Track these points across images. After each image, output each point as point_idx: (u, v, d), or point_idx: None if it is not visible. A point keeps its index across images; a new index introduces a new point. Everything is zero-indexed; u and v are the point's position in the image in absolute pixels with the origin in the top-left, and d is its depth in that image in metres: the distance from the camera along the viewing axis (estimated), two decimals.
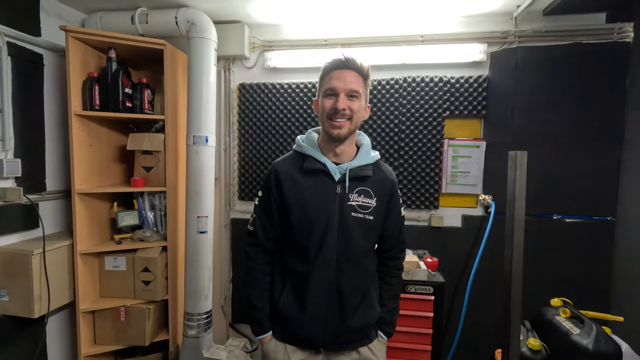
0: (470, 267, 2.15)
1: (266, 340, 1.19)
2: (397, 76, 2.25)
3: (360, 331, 1.17)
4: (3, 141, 1.72)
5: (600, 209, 2.11)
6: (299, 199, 1.11)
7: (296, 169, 1.14)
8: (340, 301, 1.12)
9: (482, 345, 2.15)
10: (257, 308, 1.18)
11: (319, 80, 1.15)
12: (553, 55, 2.10)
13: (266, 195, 1.17)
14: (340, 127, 1.08)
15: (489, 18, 2.15)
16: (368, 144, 1.21)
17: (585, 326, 1.62)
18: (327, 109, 1.08)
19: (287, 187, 1.12)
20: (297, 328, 1.13)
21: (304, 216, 1.10)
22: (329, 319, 1.12)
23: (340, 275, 1.11)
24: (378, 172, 1.18)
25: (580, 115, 2.10)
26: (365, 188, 1.13)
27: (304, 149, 1.15)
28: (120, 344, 2.06)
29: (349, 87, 1.07)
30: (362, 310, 1.16)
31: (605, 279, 2.11)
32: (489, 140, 2.21)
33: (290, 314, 1.13)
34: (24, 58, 1.81)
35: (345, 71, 1.08)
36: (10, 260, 1.72)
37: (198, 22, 2.01)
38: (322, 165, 1.12)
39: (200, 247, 2.04)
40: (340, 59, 1.09)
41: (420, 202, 2.29)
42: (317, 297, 1.11)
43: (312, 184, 1.11)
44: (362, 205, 1.12)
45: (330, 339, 1.13)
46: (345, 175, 1.11)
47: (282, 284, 1.17)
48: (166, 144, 2.03)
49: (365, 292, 1.17)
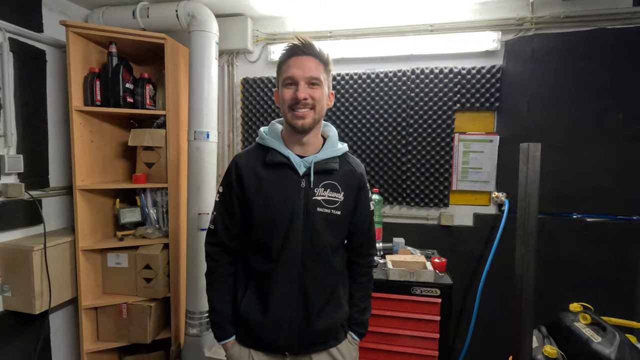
0: (482, 268, 2.04)
1: (229, 345, 1.12)
2: (405, 68, 2.15)
3: (326, 332, 1.10)
4: (5, 137, 1.72)
5: (625, 207, 1.96)
6: (261, 195, 1.04)
7: (258, 162, 1.07)
8: (305, 301, 1.06)
9: (495, 352, 2.04)
10: (218, 312, 1.11)
11: (277, 69, 1.08)
12: (573, 42, 1.95)
13: (227, 191, 1.10)
14: (304, 116, 1.01)
15: (503, 4, 2.03)
16: (335, 135, 1.14)
17: (607, 334, 1.51)
18: (287, 99, 1.02)
19: (249, 182, 1.05)
20: (260, 332, 1.07)
21: (266, 212, 1.04)
22: (293, 321, 1.06)
23: (305, 274, 1.05)
24: (345, 165, 1.11)
25: (603, 107, 1.95)
26: (332, 182, 1.07)
27: (266, 141, 1.08)
28: (123, 341, 2.05)
29: (309, 74, 1.00)
30: (329, 311, 1.09)
31: (630, 283, 1.95)
32: (503, 134, 2.08)
33: (252, 317, 1.07)
34: (26, 54, 1.82)
35: (303, 58, 1.02)
36: (12, 256, 1.73)
37: (199, 15, 1.97)
38: (286, 158, 1.05)
39: (201, 244, 1.99)
40: (297, 45, 1.02)
41: (430, 199, 2.18)
42: (281, 298, 1.05)
43: (275, 178, 1.05)
44: (328, 200, 1.05)
45: (296, 342, 1.07)
46: (310, 168, 1.04)
47: (245, 285, 1.11)
48: (167, 140, 2.01)
49: (333, 291, 1.11)
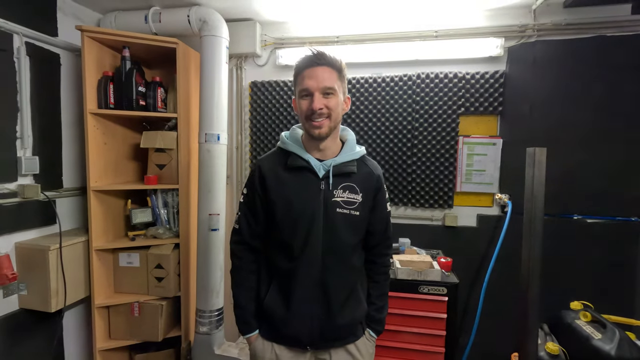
0: (486, 267, 2.10)
1: (252, 339, 1.18)
2: (411, 72, 2.21)
3: (347, 328, 1.16)
4: (22, 139, 1.76)
5: (624, 208, 2.02)
6: (283, 196, 1.10)
7: (280, 166, 1.13)
8: (327, 298, 1.11)
9: (498, 348, 2.09)
10: (243, 307, 1.18)
11: (294, 79, 1.13)
12: (574, 49, 2.02)
13: (250, 193, 1.16)
14: (320, 126, 1.06)
15: (506, 11, 2.09)
16: (353, 139, 1.20)
17: (607, 331, 1.56)
18: (304, 110, 1.08)
19: (271, 185, 1.11)
20: (283, 327, 1.13)
21: (288, 213, 1.10)
22: (315, 317, 1.11)
23: (326, 272, 1.10)
24: (363, 168, 1.17)
25: (602, 111, 2.01)
26: (350, 184, 1.13)
27: (288, 145, 1.14)
28: (134, 339, 2.09)
29: (322, 84, 1.05)
30: (349, 307, 1.15)
31: (629, 281, 2.02)
32: (506, 137, 2.14)
33: (275, 312, 1.13)
34: (42, 58, 1.86)
35: (317, 68, 1.06)
36: (29, 255, 1.76)
37: (210, 21, 2.01)
38: (306, 162, 1.11)
39: (212, 244, 2.05)
40: (311, 56, 1.07)
41: (434, 200, 2.24)
42: (303, 294, 1.11)
43: (296, 181, 1.11)
44: (347, 201, 1.11)
45: (317, 336, 1.12)
46: (329, 171, 1.10)
47: (268, 283, 1.17)
48: (179, 142, 2.05)
49: (352, 288, 1.17)
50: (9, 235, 1.73)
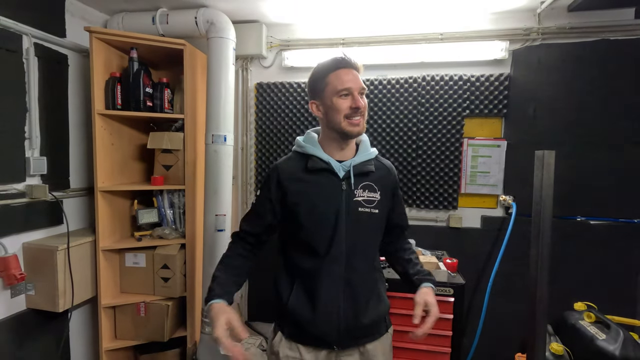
0: (490, 268, 2.11)
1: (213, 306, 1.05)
2: (416, 75, 2.23)
3: (373, 325, 1.17)
4: (30, 140, 1.77)
5: (627, 210, 2.04)
6: (306, 199, 1.12)
7: (300, 169, 1.15)
8: (352, 296, 1.13)
9: (502, 349, 2.11)
10: (216, 277, 1.13)
11: (320, 80, 1.13)
12: (578, 52, 2.04)
13: (262, 194, 1.19)
14: (359, 124, 1.11)
15: (511, 15, 2.11)
16: (367, 140, 1.23)
17: (611, 331, 1.58)
18: (344, 108, 1.09)
19: (292, 188, 1.13)
20: (309, 327, 1.13)
21: (312, 215, 1.12)
22: (342, 316, 1.12)
23: (350, 270, 1.12)
24: (379, 166, 1.21)
25: (605, 114, 2.03)
26: (369, 183, 1.16)
27: (307, 148, 1.16)
28: (140, 339, 2.10)
29: (359, 85, 1.11)
30: (374, 304, 1.17)
31: (632, 283, 2.04)
32: (510, 139, 2.16)
33: (301, 313, 1.13)
34: (50, 59, 1.86)
35: (351, 70, 1.11)
36: (37, 255, 1.77)
37: (217, 22, 2.02)
38: (326, 163, 1.13)
39: (218, 244, 2.06)
40: (344, 59, 1.11)
41: (439, 202, 2.26)
42: (329, 294, 1.11)
43: (318, 182, 1.13)
44: (367, 200, 1.14)
45: (345, 335, 1.13)
46: (350, 171, 1.13)
47: (291, 284, 1.17)
48: (185, 143, 2.06)
49: (374, 286, 1.19)
50: (16, 236, 1.73)
